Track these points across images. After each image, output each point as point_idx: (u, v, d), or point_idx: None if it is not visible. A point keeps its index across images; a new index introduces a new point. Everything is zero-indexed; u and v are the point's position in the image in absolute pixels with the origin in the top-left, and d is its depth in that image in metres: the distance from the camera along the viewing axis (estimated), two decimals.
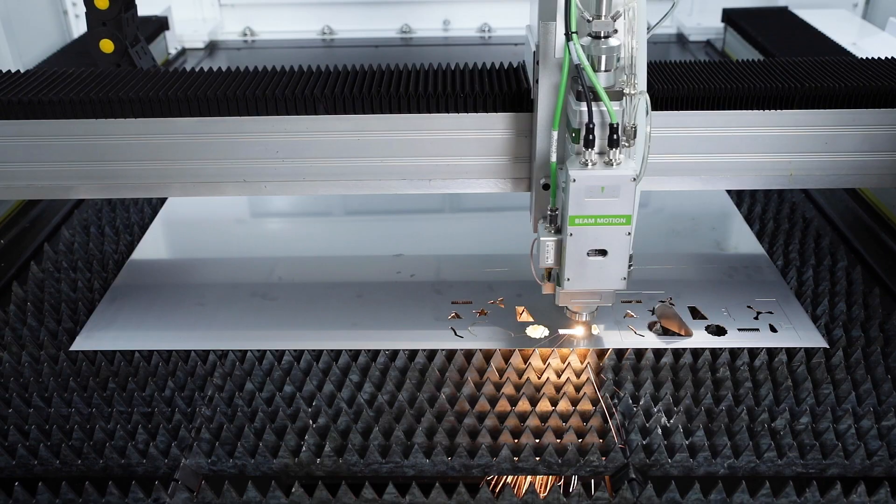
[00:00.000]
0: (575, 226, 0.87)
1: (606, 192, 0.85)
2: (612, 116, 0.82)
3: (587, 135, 0.83)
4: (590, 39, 0.83)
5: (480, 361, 1.02)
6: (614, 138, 0.83)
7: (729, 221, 1.34)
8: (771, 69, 1.12)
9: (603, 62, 0.84)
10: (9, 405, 0.96)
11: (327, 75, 1.10)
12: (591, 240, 0.88)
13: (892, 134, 1.07)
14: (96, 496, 0.86)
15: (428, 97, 1.04)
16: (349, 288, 1.18)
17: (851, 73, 1.10)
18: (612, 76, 0.84)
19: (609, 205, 0.86)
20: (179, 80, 1.09)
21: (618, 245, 0.89)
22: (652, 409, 0.94)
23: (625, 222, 0.87)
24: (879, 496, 0.84)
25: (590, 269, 0.90)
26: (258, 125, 1.05)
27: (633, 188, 0.85)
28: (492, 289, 1.16)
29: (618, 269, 0.91)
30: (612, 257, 0.89)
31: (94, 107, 1.05)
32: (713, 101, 1.05)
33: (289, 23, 2.27)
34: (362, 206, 1.45)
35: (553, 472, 0.89)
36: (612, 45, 0.83)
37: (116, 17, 1.35)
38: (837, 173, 1.09)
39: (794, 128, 1.06)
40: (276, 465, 0.90)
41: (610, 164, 0.84)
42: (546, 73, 0.91)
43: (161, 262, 1.27)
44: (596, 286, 0.93)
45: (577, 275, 0.91)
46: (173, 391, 0.98)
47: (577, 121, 0.84)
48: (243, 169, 1.09)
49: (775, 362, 1.01)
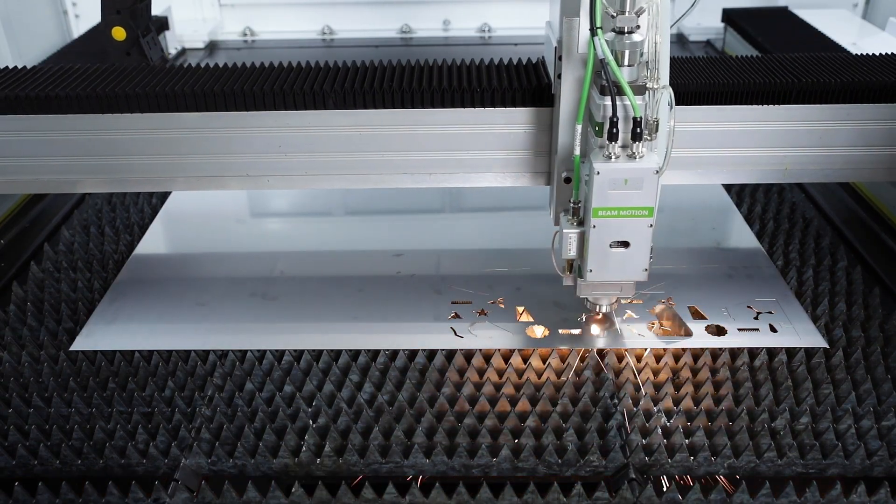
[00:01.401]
0: (598, 217, 0.88)
1: (630, 185, 0.86)
2: (636, 110, 0.83)
3: (611, 128, 0.84)
4: (613, 35, 0.84)
5: (480, 361, 1.02)
6: (637, 132, 0.84)
7: (729, 221, 1.34)
8: (766, 65, 1.13)
9: (626, 57, 0.85)
10: (9, 405, 0.96)
11: (336, 71, 1.11)
12: (613, 231, 0.90)
13: (885, 128, 1.08)
14: (96, 496, 0.86)
15: (452, 92, 1.05)
16: (349, 288, 1.18)
17: (845, 69, 1.12)
18: (634, 71, 0.85)
19: (632, 197, 0.87)
20: (184, 76, 1.10)
21: (640, 237, 0.90)
22: (652, 409, 0.94)
23: (647, 214, 0.88)
24: (879, 496, 0.84)
25: (612, 260, 0.91)
26: (261, 120, 1.07)
27: (656, 181, 0.86)
28: (492, 289, 1.16)
29: (640, 261, 0.92)
30: (635, 249, 0.91)
31: (100, 102, 1.06)
32: (710, 97, 1.06)
33: (289, 23, 2.27)
34: (363, 206, 1.45)
35: (553, 472, 0.89)
36: (636, 40, 0.84)
37: (132, 6, 1.37)
38: (832, 167, 1.11)
39: (789, 123, 1.08)
40: (276, 465, 0.90)
41: (633, 157, 0.85)
42: (570, 68, 0.92)
43: (160, 262, 1.27)
44: (618, 277, 0.94)
45: (599, 266, 0.92)
46: (173, 391, 0.98)
47: (601, 115, 0.86)
48: (247, 163, 1.10)
49: (775, 362, 1.01)
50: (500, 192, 1.40)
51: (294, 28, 2.27)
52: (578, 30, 0.89)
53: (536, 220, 1.35)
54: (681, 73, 1.09)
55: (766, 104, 1.06)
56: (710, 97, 1.06)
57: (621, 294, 0.98)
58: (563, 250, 0.93)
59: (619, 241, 0.90)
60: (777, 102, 1.07)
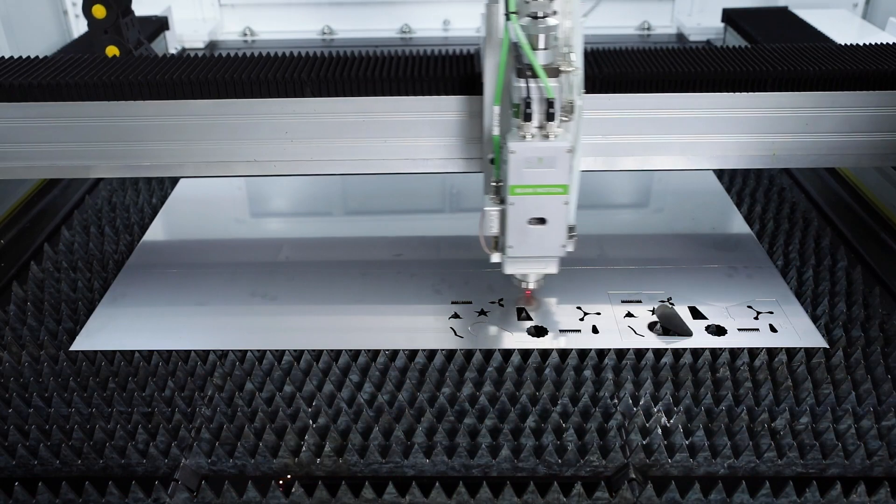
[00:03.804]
0: (515, 195, 0.91)
1: (544, 163, 0.89)
2: (549, 92, 0.86)
3: (525, 109, 0.87)
4: (529, 19, 0.88)
5: (480, 361, 1.02)
6: (551, 112, 0.87)
7: (729, 221, 1.34)
8: (755, 55, 1.16)
9: (541, 41, 0.88)
10: (9, 405, 0.96)
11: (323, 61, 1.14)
12: (531, 208, 0.93)
13: (870, 115, 1.12)
14: (96, 496, 0.86)
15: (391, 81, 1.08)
16: (349, 287, 1.18)
17: (831, 58, 1.15)
18: (550, 54, 0.88)
19: (547, 175, 0.90)
20: (192, 64, 1.13)
21: (556, 214, 0.93)
22: (652, 409, 0.94)
23: (562, 192, 0.91)
24: (879, 496, 0.84)
25: (530, 236, 0.94)
26: (268, 107, 1.10)
27: (569, 159, 0.89)
28: (492, 289, 1.16)
29: (557, 237, 0.95)
30: (552, 225, 0.93)
31: (111, 89, 1.10)
32: (701, 84, 1.10)
33: (289, 23, 2.27)
34: (363, 206, 1.45)
35: (553, 472, 0.89)
36: (550, 24, 0.87)
37: (115, 24, 1.40)
38: (818, 153, 1.15)
39: (777, 109, 1.11)
40: (276, 465, 0.90)
41: (547, 136, 0.88)
42: (491, 52, 0.95)
43: (161, 262, 1.27)
44: (537, 253, 0.96)
45: (518, 242, 0.95)
46: (173, 391, 0.98)
47: (518, 96, 0.88)
48: (254, 149, 1.13)
49: (775, 362, 1.01)
50: None
51: (294, 28, 2.27)
52: (498, 15, 0.92)
53: None
54: (676, 62, 1.13)
55: (755, 91, 1.10)
56: (701, 85, 1.10)
57: (545, 270, 1.01)
58: (485, 227, 0.96)
59: (536, 218, 0.93)
60: (765, 90, 1.10)
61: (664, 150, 1.13)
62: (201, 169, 1.15)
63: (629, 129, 1.11)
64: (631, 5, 2.24)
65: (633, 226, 1.36)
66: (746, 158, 1.14)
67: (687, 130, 1.12)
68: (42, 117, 1.12)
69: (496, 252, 0.99)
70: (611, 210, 1.42)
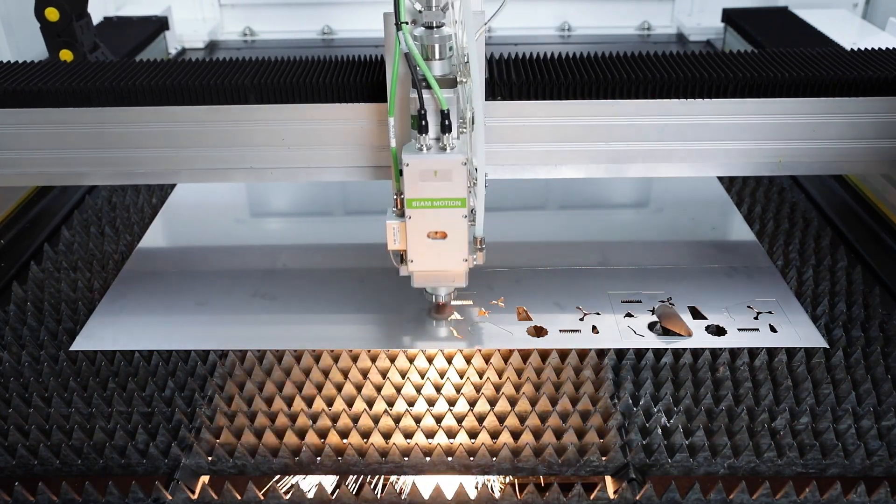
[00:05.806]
0: (413, 209, 0.91)
1: (439, 176, 0.88)
2: (442, 103, 0.85)
3: (420, 120, 0.87)
4: (423, 30, 0.87)
5: (480, 361, 1.02)
6: (446, 124, 0.86)
7: (729, 221, 1.34)
8: (760, 60, 1.15)
9: (437, 51, 0.87)
10: (9, 405, 0.96)
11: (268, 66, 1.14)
12: (430, 222, 0.92)
13: (876, 121, 1.10)
14: (96, 496, 0.86)
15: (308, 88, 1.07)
16: (349, 287, 1.18)
17: (838, 64, 1.14)
18: (446, 64, 0.88)
19: (443, 188, 0.89)
20: (187, 70, 1.13)
21: (456, 227, 0.92)
22: (652, 409, 0.94)
23: (460, 205, 0.90)
24: (879, 496, 0.84)
25: (431, 250, 0.94)
26: (264, 113, 1.09)
27: (465, 172, 0.88)
28: (492, 289, 1.16)
29: (458, 251, 0.94)
30: (452, 239, 0.93)
31: (104, 95, 1.09)
32: (706, 90, 1.08)
33: (289, 23, 2.27)
34: (363, 206, 1.45)
35: (553, 472, 0.89)
36: (445, 34, 0.86)
37: (68, 28, 1.39)
38: (825, 160, 1.13)
39: (783, 116, 1.10)
40: (276, 465, 0.90)
41: (444, 149, 0.87)
42: (390, 62, 0.94)
43: (161, 262, 1.27)
44: (439, 267, 0.96)
45: (420, 256, 0.94)
46: (173, 391, 0.98)
47: (413, 107, 0.87)
48: (250, 156, 1.12)
49: (775, 362, 1.01)
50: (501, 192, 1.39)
51: (294, 28, 2.27)
52: None
53: (535, 219, 1.35)
54: (680, 68, 1.11)
55: (760, 97, 1.08)
56: (707, 91, 1.08)
57: (454, 284, 1.01)
58: (389, 241, 0.95)
59: (436, 232, 0.92)
60: (770, 96, 1.08)
61: (667, 157, 1.12)
62: (197, 176, 1.14)
63: (634, 135, 1.10)
64: (631, 5, 2.24)
65: (632, 226, 1.36)
66: (752, 166, 1.13)
67: (691, 137, 1.10)
68: (33, 123, 1.11)
69: (403, 265, 0.98)
70: (611, 210, 1.42)
